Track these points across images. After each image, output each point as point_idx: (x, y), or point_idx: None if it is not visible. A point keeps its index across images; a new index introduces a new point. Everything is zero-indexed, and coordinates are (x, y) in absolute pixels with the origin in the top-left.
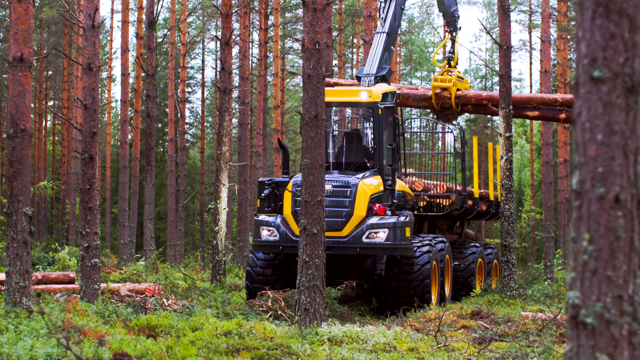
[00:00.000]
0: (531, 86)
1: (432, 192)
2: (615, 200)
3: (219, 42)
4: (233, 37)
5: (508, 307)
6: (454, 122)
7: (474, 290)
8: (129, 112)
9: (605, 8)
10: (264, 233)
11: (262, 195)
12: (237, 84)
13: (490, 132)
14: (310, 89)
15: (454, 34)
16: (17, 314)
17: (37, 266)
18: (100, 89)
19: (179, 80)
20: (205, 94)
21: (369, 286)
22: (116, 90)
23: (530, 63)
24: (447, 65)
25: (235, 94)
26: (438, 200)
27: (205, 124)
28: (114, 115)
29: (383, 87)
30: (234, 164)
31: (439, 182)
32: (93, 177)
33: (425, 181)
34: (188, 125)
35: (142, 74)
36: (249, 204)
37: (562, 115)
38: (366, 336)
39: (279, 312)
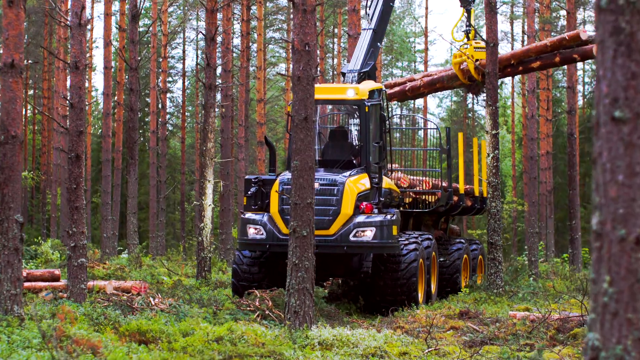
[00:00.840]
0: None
1: (418, 188)
2: (636, 242)
3: (200, 34)
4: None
5: (495, 306)
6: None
7: (459, 286)
8: (112, 105)
9: (627, 47)
10: (251, 231)
11: (249, 193)
12: (219, 75)
13: (471, 122)
14: (300, 90)
15: (469, 7)
16: (9, 323)
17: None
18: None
19: (160, 71)
20: (186, 83)
21: (355, 283)
22: (96, 79)
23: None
24: (465, 39)
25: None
26: (424, 197)
27: (186, 113)
28: (94, 104)
29: (370, 85)
30: (219, 160)
31: (424, 179)
32: (80, 177)
33: (411, 176)
34: (169, 115)
35: (124, 65)
36: (231, 196)
37: (557, 59)
38: (357, 340)
39: (267, 312)
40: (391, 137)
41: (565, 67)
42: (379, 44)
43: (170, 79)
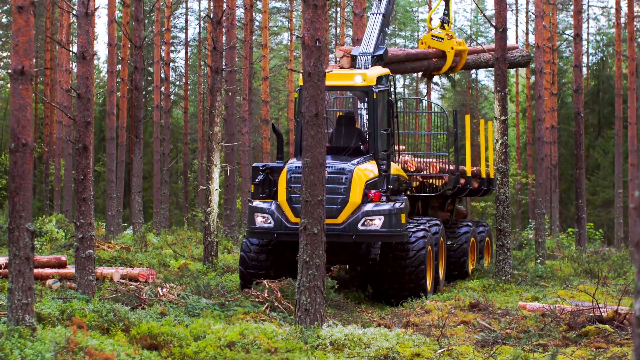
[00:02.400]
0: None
1: (425, 172)
2: None
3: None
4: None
5: (504, 294)
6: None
7: (467, 270)
8: (115, 83)
9: None
10: (259, 220)
11: (257, 180)
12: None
13: (474, 92)
14: (311, 87)
15: None
16: (21, 334)
17: None
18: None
19: (163, 42)
20: (189, 53)
21: (362, 269)
22: (98, 48)
23: (516, 25)
24: (441, 28)
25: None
26: (431, 181)
27: (188, 83)
28: (96, 72)
29: (377, 71)
30: (226, 144)
31: (432, 162)
32: (87, 167)
33: (418, 159)
34: (172, 86)
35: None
36: (234, 172)
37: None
38: (369, 340)
39: (276, 304)
40: (398, 122)
41: (572, 48)
42: (386, 28)
43: (172, 48)
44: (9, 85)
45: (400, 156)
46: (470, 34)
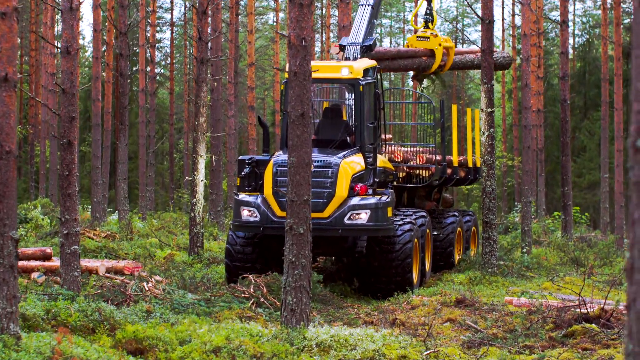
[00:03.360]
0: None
1: (411, 162)
2: None
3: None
4: None
5: (490, 287)
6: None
7: (453, 260)
8: (100, 69)
9: None
10: (244, 213)
11: (242, 173)
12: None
13: (460, 80)
14: (297, 86)
15: None
16: (5, 343)
17: None
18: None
19: (149, 24)
20: (174, 33)
21: (348, 261)
22: (84, 27)
23: (503, 18)
24: (425, 27)
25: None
26: (417, 172)
27: (174, 63)
28: (82, 49)
29: (364, 63)
30: (211, 134)
31: (417, 150)
32: (72, 163)
33: (405, 149)
34: (157, 66)
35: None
36: (221, 157)
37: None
38: (355, 341)
39: (261, 299)
40: (385, 113)
41: (558, 30)
42: (375, 20)
43: (158, 29)
44: None
45: (387, 146)
46: (457, 15)
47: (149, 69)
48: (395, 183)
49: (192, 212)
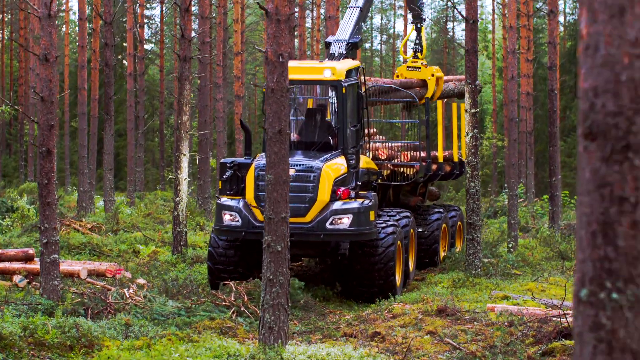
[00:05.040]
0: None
1: (396, 160)
2: None
3: None
4: None
5: (474, 290)
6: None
7: (438, 257)
8: (87, 57)
9: (608, 345)
10: (226, 218)
11: (224, 177)
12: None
13: (451, 52)
14: (274, 102)
15: (419, 25)
16: None
17: None
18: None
19: (137, 2)
20: (164, 10)
21: (332, 262)
22: (73, 3)
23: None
24: (414, 57)
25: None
26: (402, 169)
27: (164, 41)
28: (72, 29)
29: (347, 64)
30: (195, 133)
31: (402, 151)
32: (51, 171)
33: (390, 143)
34: (147, 43)
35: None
36: (209, 145)
37: None
38: None
39: (242, 308)
40: (369, 113)
41: (547, 21)
42: (362, 23)
43: (148, 5)
44: None
45: (372, 144)
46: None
47: (138, 43)
48: (380, 181)
49: (176, 210)
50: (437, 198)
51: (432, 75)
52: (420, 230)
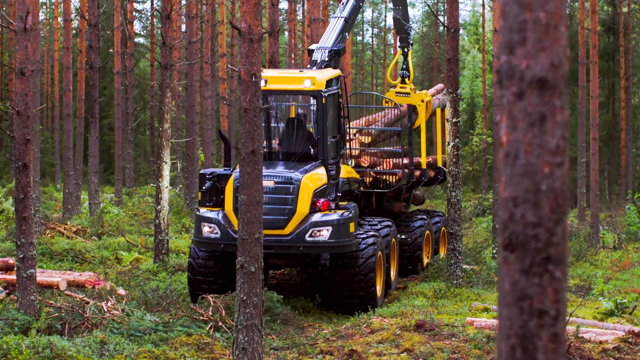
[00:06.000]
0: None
1: (379, 167)
2: None
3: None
4: None
5: (454, 301)
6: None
7: (422, 263)
8: (71, 59)
9: None
10: (205, 230)
11: (204, 188)
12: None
13: (442, 45)
14: (247, 122)
15: (406, 49)
16: None
17: None
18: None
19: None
20: (155, 3)
21: (313, 271)
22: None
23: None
24: (401, 82)
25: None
26: (384, 177)
27: (154, 35)
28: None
29: (327, 73)
30: (177, 141)
31: (385, 158)
32: (27, 186)
33: (372, 148)
34: (137, 37)
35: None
36: (195, 145)
37: None
38: None
39: (220, 323)
40: (349, 121)
41: None
42: (346, 34)
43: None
44: None
45: (353, 151)
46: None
47: (125, 36)
48: (362, 188)
49: (157, 219)
50: (421, 202)
51: (422, 100)
52: (403, 237)
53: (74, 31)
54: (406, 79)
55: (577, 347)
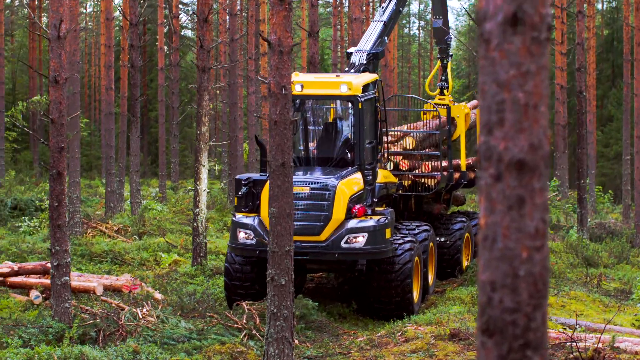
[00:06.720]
0: None
1: (417, 171)
2: None
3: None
4: None
5: None
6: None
7: (461, 266)
8: (113, 58)
9: None
10: (241, 235)
11: (240, 193)
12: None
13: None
14: (277, 135)
15: (445, 61)
16: None
17: (23, 218)
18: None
19: None
20: None
21: (350, 276)
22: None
23: None
24: (440, 94)
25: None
26: (423, 180)
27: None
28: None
29: (364, 78)
30: (215, 144)
31: (424, 161)
32: (62, 194)
33: (411, 151)
34: (184, 29)
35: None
36: (239, 142)
37: None
38: None
39: (253, 332)
40: (387, 125)
41: (576, 22)
42: (385, 37)
43: None
44: None
45: (392, 156)
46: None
47: (172, 44)
48: (400, 192)
49: (195, 222)
50: (462, 203)
51: (460, 114)
52: (442, 240)
53: (116, 28)
54: (445, 91)
55: (612, 358)
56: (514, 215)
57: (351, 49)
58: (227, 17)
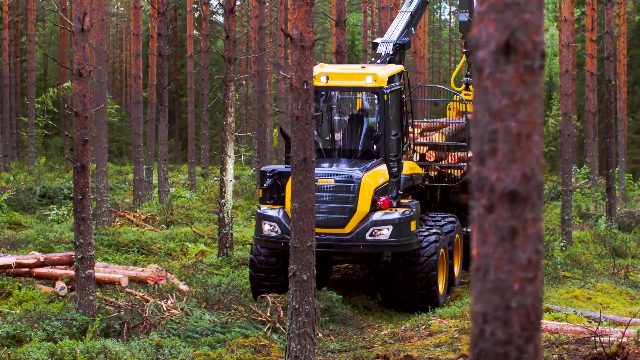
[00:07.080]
0: None
1: (444, 161)
2: None
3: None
4: None
5: None
6: None
7: None
8: (141, 46)
9: None
10: (266, 227)
11: (264, 185)
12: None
13: None
14: (299, 130)
15: (471, 56)
16: None
17: (52, 206)
18: None
19: None
20: None
21: (375, 267)
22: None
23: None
24: (465, 89)
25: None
26: (450, 171)
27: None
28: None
29: (390, 70)
30: (241, 134)
31: (450, 152)
32: (86, 186)
33: (438, 142)
34: (215, 14)
35: None
36: (267, 128)
37: None
38: None
39: (277, 325)
40: (413, 116)
41: (606, 10)
42: (412, 28)
43: None
44: None
45: (419, 147)
46: None
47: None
48: (427, 182)
49: (221, 212)
50: None
51: None
52: (468, 230)
53: (145, 15)
54: (471, 86)
55: (637, 353)
56: (506, 247)
57: (377, 40)
58: (256, 4)
